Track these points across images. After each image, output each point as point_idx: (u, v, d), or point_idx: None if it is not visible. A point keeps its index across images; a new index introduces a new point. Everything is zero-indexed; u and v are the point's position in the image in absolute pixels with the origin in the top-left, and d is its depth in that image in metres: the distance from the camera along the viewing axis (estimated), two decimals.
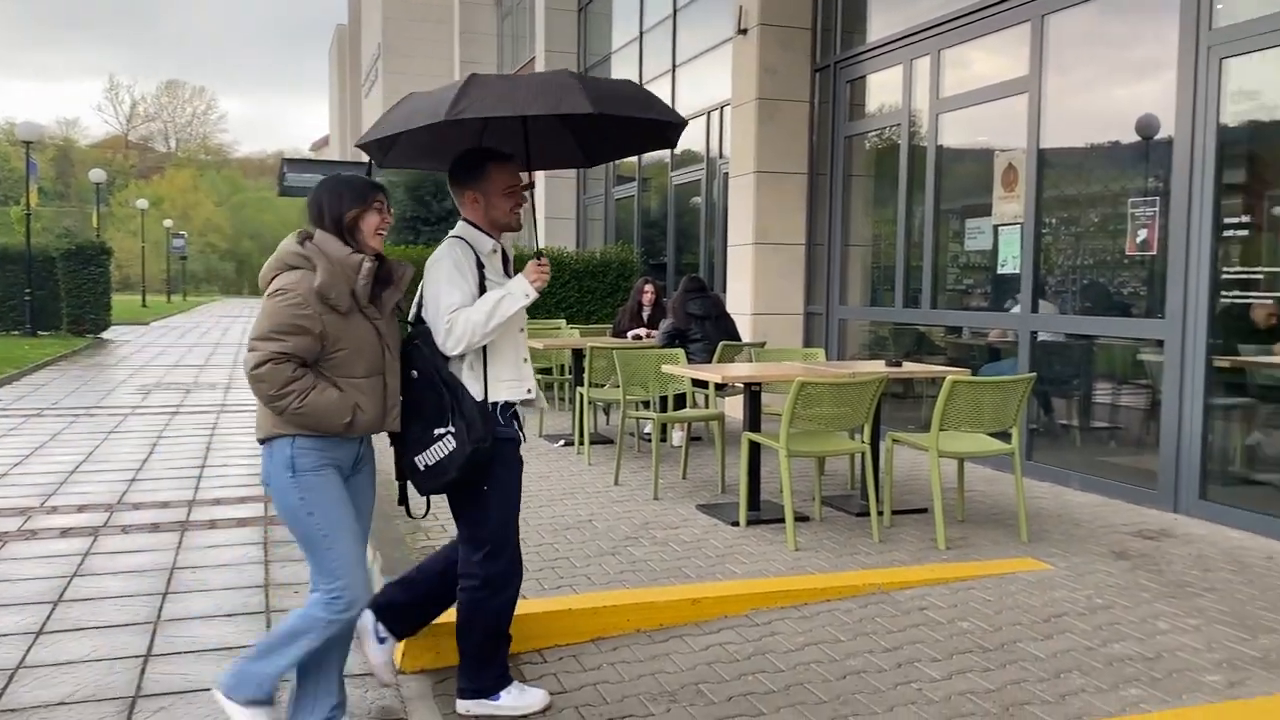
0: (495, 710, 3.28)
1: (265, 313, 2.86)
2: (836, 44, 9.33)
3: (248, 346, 2.89)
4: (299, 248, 2.93)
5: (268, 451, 2.94)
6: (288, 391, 2.82)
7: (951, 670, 3.53)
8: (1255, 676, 3.45)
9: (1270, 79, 5.50)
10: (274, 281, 2.91)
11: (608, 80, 3.49)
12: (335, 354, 2.90)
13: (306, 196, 3.09)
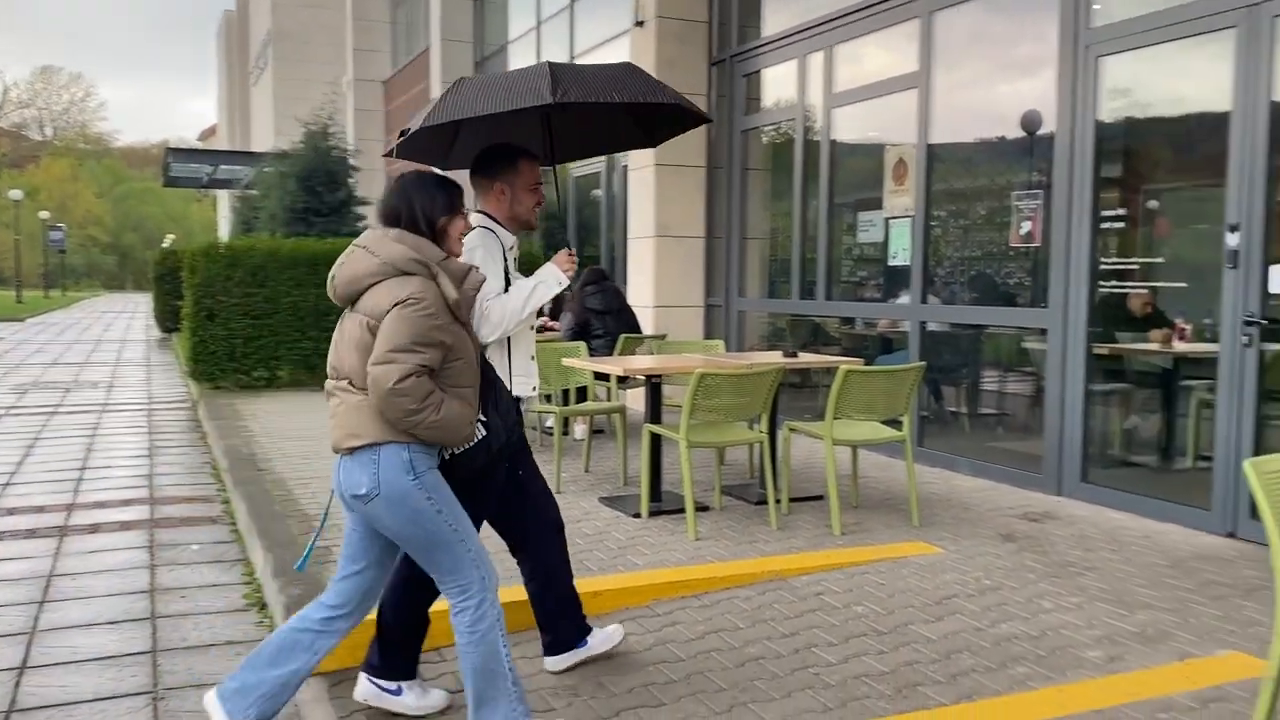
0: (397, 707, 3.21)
1: (400, 323, 2.70)
2: (733, 38, 9.41)
3: (380, 359, 2.69)
4: (411, 252, 2.79)
5: (370, 458, 2.76)
6: (428, 405, 2.71)
7: (847, 654, 3.60)
8: (1133, 651, 3.61)
9: (1143, 77, 5.74)
10: (387, 288, 2.75)
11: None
12: (452, 365, 2.80)
13: (196, 188, 2.96)
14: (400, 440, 2.76)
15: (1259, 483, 2.41)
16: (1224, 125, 5.13)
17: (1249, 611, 4.00)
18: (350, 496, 2.81)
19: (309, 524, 5.15)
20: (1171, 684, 3.30)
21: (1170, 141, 5.80)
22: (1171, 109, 5.69)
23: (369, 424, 2.76)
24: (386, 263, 2.79)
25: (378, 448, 2.76)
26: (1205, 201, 5.32)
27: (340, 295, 2.86)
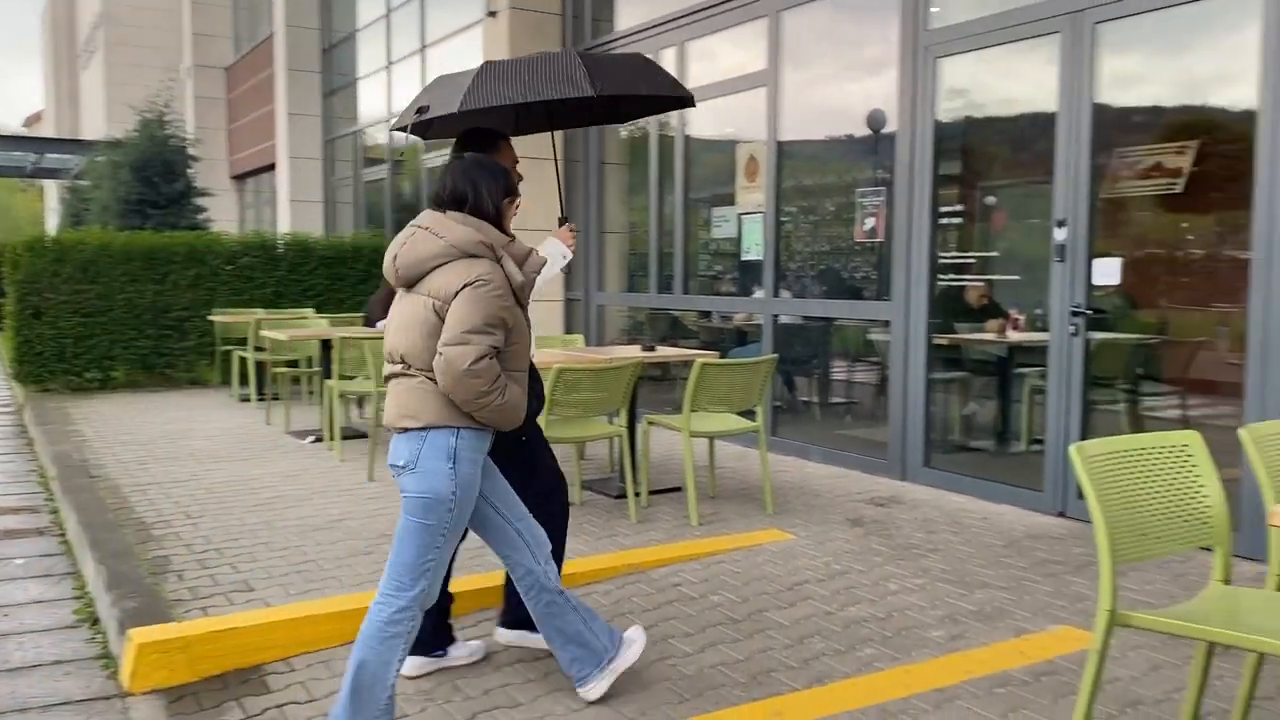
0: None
1: (472, 304, 2.73)
2: (587, 31, 9.40)
3: (455, 340, 2.71)
4: (478, 235, 2.82)
5: (418, 438, 2.81)
6: (496, 387, 2.75)
7: (704, 644, 3.65)
8: (972, 629, 3.78)
9: (979, 78, 6.00)
10: (454, 269, 2.77)
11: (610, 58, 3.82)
12: (511, 347, 2.84)
13: (20, 177, 2.79)
14: (450, 426, 2.81)
15: (1083, 466, 2.55)
16: (1051, 125, 5.41)
17: (1078, 587, 4.24)
18: (390, 465, 2.88)
19: (146, 533, 4.90)
20: (1007, 660, 3.47)
21: (1004, 140, 6.09)
22: (1004, 109, 5.97)
23: (426, 408, 2.81)
24: (453, 245, 2.81)
25: (427, 431, 2.81)
26: (1036, 198, 5.61)
27: (401, 277, 2.87)
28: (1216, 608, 2.58)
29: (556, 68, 3.49)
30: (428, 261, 2.82)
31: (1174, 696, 3.16)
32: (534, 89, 3.46)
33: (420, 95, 3.91)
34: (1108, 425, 5.39)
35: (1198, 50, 4.93)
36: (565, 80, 3.45)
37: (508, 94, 3.45)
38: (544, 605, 3.15)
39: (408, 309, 2.85)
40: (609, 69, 3.56)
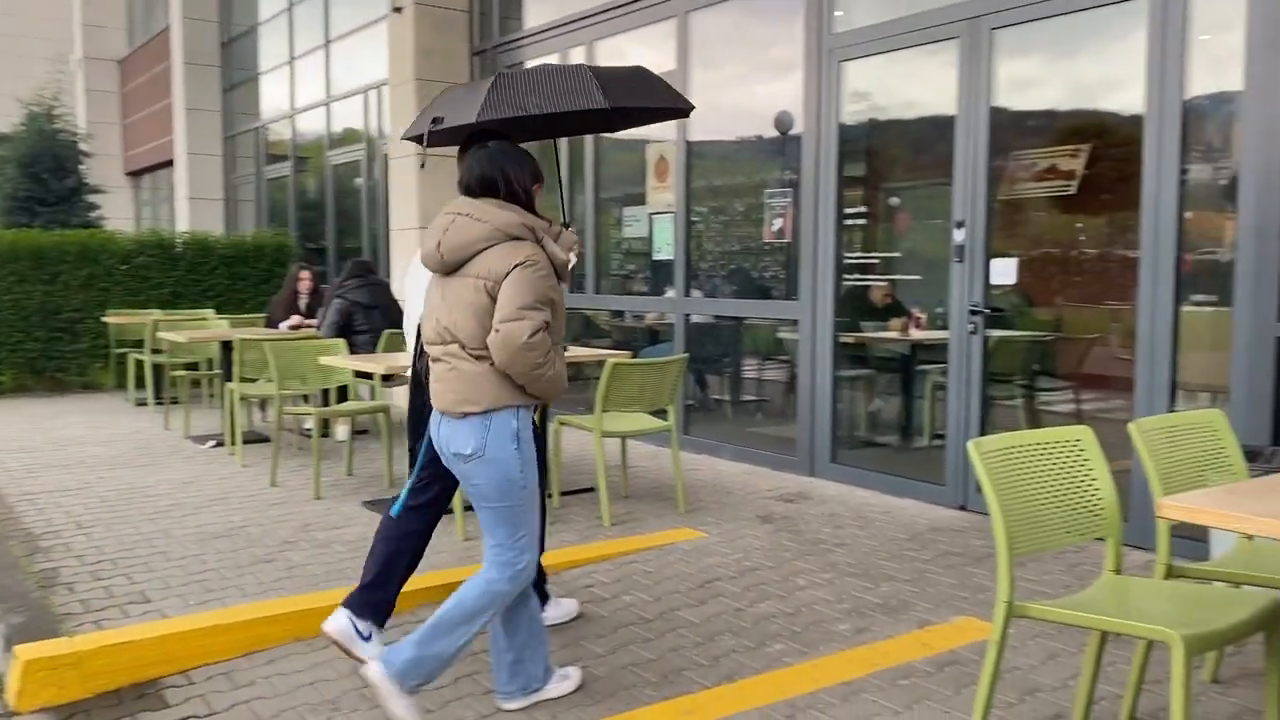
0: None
1: (524, 283, 2.84)
2: (495, 29, 9.31)
3: (511, 316, 2.82)
4: (520, 218, 2.94)
5: (482, 423, 2.91)
6: (548, 359, 2.87)
7: (615, 645, 3.65)
8: (878, 622, 3.85)
9: (881, 81, 6.12)
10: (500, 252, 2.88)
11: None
12: (553, 324, 2.94)
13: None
14: (511, 406, 2.92)
15: (981, 462, 2.62)
16: (951, 128, 5.55)
17: (979, 578, 4.35)
18: (451, 454, 2.97)
19: (34, 545, 4.69)
20: (911, 651, 3.54)
21: (906, 143, 6.22)
22: (907, 112, 6.10)
23: (485, 391, 2.90)
24: (497, 229, 2.91)
25: (490, 414, 2.90)
26: (937, 199, 5.74)
27: (447, 261, 2.95)
28: (1108, 597, 2.68)
29: (570, 80, 3.64)
30: (474, 245, 2.91)
31: (1070, 683, 3.26)
32: (552, 100, 3.59)
33: (431, 106, 3.99)
34: (1006, 420, 5.55)
35: (1089, 57, 5.10)
36: (580, 93, 3.61)
37: (526, 105, 3.58)
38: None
39: (455, 292, 2.94)
40: (617, 81, 3.70)
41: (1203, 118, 4.66)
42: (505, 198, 3.01)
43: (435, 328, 2.99)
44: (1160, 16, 4.64)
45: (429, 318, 3.04)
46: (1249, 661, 3.41)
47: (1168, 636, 2.28)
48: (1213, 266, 4.66)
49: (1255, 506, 2.08)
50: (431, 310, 3.03)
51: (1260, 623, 2.46)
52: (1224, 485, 2.39)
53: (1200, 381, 4.74)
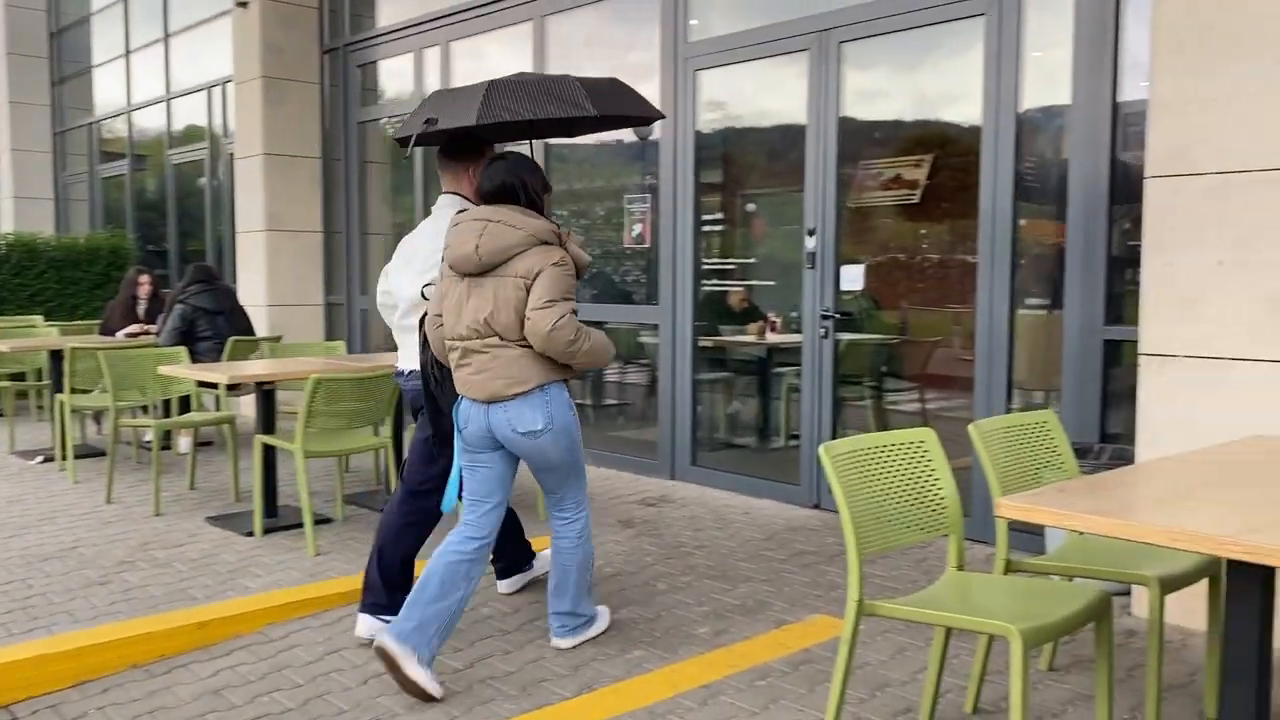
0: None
1: (553, 279, 3.23)
2: (345, 26, 9.06)
3: (538, 306, 3.20)
4: (548, 225, 3.31)
5: (542, 399, 3.30)
6: (580, 335, 3.27)
7: (474, 658, 3.58)
8: (736, 624, 3.89)
9: (736, 90, 6.22)
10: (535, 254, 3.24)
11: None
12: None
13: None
14: (558, 380, 3.35)
15: (831, 465, 2.67)
16: (802, 138, 5.68)
17: (832, 576, 4.46)
18: (520, 434, 3.31)
19: None
20: (768, 652, 3.60)
21: (761, 151, 6.34)
22: (761, 120, 6.21)
23: (533, 370, 3.28)
24: (532, 234, 3.27)
25: (547, 388, 3.31)
26: (791, 206, 5.87)
27: (484, 263, 3.24)
28: (952, 593, 2.77)
29: (561, 88, 3.90)
30: (512, 249, 3.25)
31: (918, 677, 3.37)
32: (544, 107, 3.82)
33: (422, 108, 4.11)
34: (856, 420, 5.72)
35: (931, 71, 5.31)
36: (569, 101, 3.85)
37: (520, 111, 3.80)
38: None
39: (492, 291, 3.26)
40: (599, 90, 3.95)
41: (1035, 130, 4.91)
42: (525, 204, 3.35)
43: (469, 323, 3.29)
44: (996, 34, 4.86)
45: (455, 314, 3.32)
46: (1081, 649, 3.60)
47: (1007, 631, 2.38)
48: (1045, 272, 4.91)
49: (1084, 504, 2.18)
50: (458, 307, 3.31)
51: (1091, 614, 2.59)
52: (1056, 483, 2.50)
53: (1035, 381, 4.98)
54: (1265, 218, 3.56)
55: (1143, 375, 3.89)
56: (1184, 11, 3.71)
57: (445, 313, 3.37)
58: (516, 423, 3.29)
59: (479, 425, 3.34)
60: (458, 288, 3.33)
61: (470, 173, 3.87)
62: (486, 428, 3.33)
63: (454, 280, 3.35)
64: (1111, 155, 4.54)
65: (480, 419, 3.34)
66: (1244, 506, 2.15)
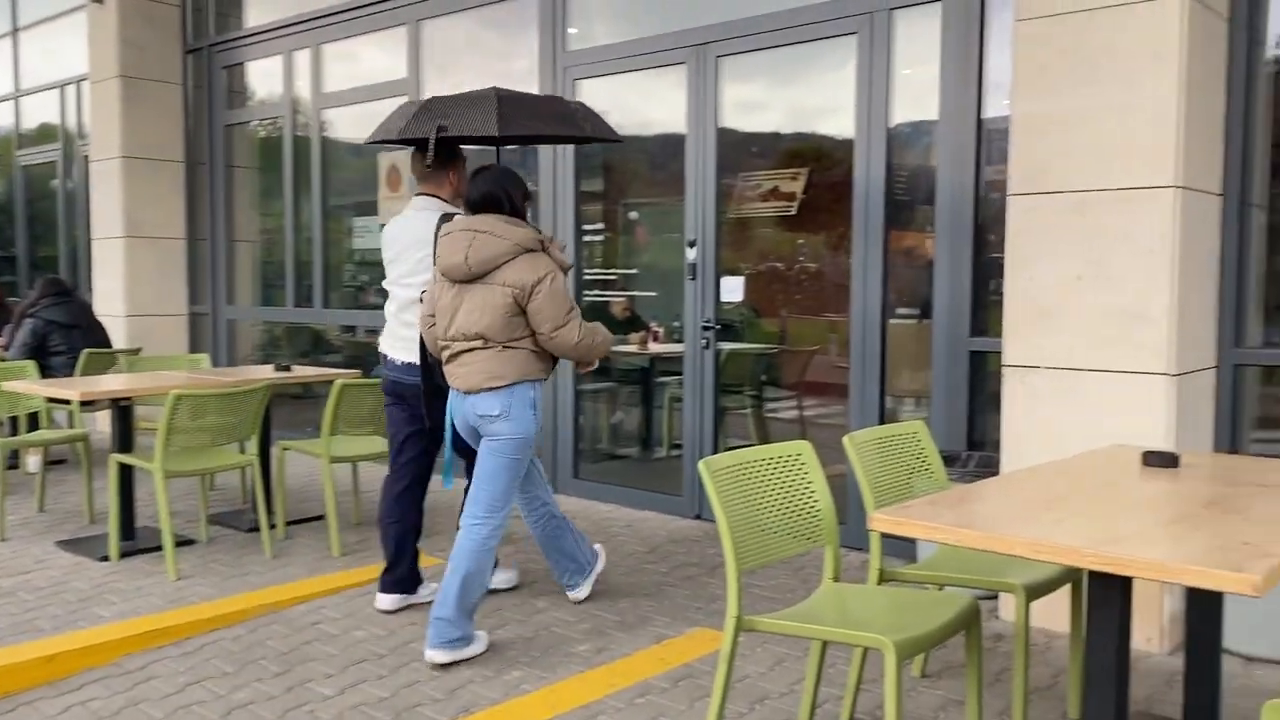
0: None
1: (555, 295, 3.53)
2: (210, 26, 8.71)
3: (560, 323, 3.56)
4: (531, 233, 3.55)
5: (506, 393, 3.57)
6: (587, 333, 3.63)
7: (345, 684, 3.45)
8: (617, 640, 3.86)
9: (617, 100, 6.20)
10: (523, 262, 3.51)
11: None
12: None
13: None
14: (530, 380, 3.62)
15: (710, 480, 2.66)
16: (682, 149, 5.70)
17: (713, 588, 4.47)
18: (479, 416, 3.61)
19: None
20: (649, 668, 3.57)
21: (643, 161, 6.34)
22: (642, 131, 6.20)
23: (508, 369, 3.57)
24: (517, 244, 3.51)
25: (513, 387, 3.58)
26: (673, 216, 5.87)
27: (473, 272, 3.51)
28: (828, 605, 2.80)
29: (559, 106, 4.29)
30: (499, 259, 3.50)
31: (796, 688, 3.39)
32: (550, 125, 4.15)
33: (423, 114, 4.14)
34: (738, 429, 5.76)
35: (807, 86, 5.39)
36: (570, 122, 4.18)
37: (538, 128, 4.12)
38: (552, 529, 4.16)
39: (480, 298, 3.53)
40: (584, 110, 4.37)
41: (905, 146, 5.03)
42: (509, 213, 3.60)
43: (459, 327, 3.57)
44: (868, 50, 4.97)
45: (447, 317, 3.60)
46: (952, 655, 3.69)
47: (881, 643, 2.40)
48: (915, 283, 5.04)
49: (953, 516, 2.22)
50: (447, 312, 3.60)
51: (961, 622, 2.64)
52: (927, 495, 2.54)
53: (908, 389, 5.10)
54: (1119, 234, 3.72)
55: (1007, 385, 4.02)
56: (1044, 35, 3.85)
57: (438, 314, 3.65)
58: (478, 406, 3.59)
59: (463, 416, 3.68)
60: (448, 293, 3.61)
61: (450, 176, 4.15)
62: (464, 417, 3.67)
63: (445, 286, 3.62)
64: (977, 172, 4.69)
65: (461, 409, 3.66)
66: (1103, 517, 2.22)
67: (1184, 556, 1.89)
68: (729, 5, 5.52)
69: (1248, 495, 2.45)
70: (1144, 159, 3.65)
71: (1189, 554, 1.91)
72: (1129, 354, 3.71)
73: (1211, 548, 1.95)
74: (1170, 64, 3.58)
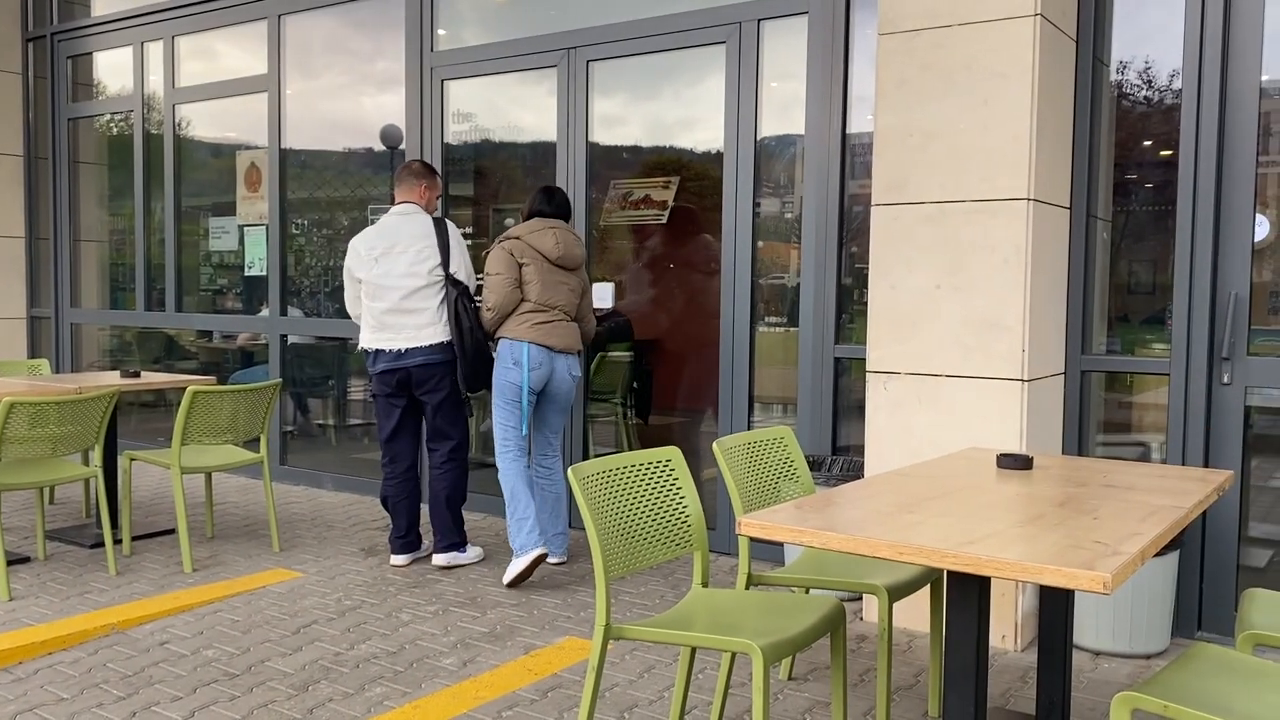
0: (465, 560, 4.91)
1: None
2: (53, 13, 8.23)
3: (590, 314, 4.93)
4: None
5: (577, 359, 4.77)
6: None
7: (194, 707, 3.26)
8: (484, 652, 3.77)
9: (486, 103, 6.11)
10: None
11: None
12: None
13: None
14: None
15: (579, 487, 2.61)
16: (553, 154, 5.65)
17: (583, 596, 4.42)
18: (572, 375, 4.69)
19: None
20: (517, 679, 3.50)
21: (515, 165, 6.24)
22: (513, 135, 6.12)
23: (578, 339, 4.75)
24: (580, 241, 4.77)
25: (579, 353, 4.78)
26: None
27: (565, 261, 4.64)
28: (697, 611, 2.78)
29: None
30: (581, 257, 4.73)
31: (665, 695, 3.38)
32: None
33: None
34: (606, 437, 5.73)
35: (677, 94, 5.42)
36: None
37: None
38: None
39: (571, 281, 4.70)
40: None
41: (773, 157, 5.11)
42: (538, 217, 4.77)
43: (558, 299, 4.63)
44: (736, 61, 5.03)
45: (551, 290, 4.60)
46: (817, 657, 3.73)
47: (749, 648, 2.40)
48: (782, 291, 5.11)
49: (818, 520, 2.23)
50: (551, 288, 4.61)
51: (827, 625, 2.66)
52: (794, 500, 2.56)
53: (776, 395, 5.17)
54: (975, 245, 3.85)
55: (870, 391, 4.11)
56: (905, 49, 3.96)
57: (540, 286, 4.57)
58: (573, 367, 4.68)
59: (547, 369, 4.57)
60: (545, 274, 4.60)
61: (422, 189, 4.88)
62: (550, 371, 4.58)
63: (542, 268, 4.59)
64: (842, 183, 4.79)
65: (548, 363, 4.57)
66: (962, 519, 2.27)
67: (1040, 556, 1.94)
68: (600, 10, 5.51)
69: (1097, 495, 2.54)
70: (999, 171, 3.79)
71: (1044, 553, 1.96)
72: (985, 360, 3.84)
73: (1065, 546, 2.01)
74: (1023, 80, 3.73)
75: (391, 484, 4.84)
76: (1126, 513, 2.35)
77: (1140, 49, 4.13)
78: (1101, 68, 4.18)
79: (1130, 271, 4.25)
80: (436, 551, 4.83)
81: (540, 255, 4.59)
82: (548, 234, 4.60)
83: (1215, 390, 3.97)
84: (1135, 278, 4.24)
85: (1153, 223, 4.18)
